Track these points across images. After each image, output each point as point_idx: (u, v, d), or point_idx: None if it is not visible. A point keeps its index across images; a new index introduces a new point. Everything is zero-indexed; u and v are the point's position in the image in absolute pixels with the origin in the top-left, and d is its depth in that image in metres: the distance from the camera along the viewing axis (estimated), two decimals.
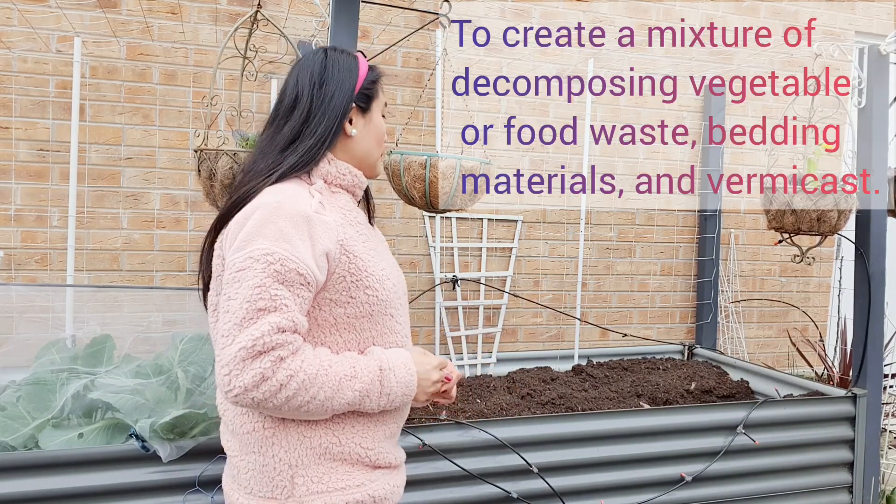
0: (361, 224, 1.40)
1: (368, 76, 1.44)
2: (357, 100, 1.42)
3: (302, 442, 1.27)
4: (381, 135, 1.48)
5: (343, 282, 1.28)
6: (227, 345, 1.16)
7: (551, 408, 2.76)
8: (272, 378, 1.15)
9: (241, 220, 1.25)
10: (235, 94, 2.45)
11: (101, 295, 2.75)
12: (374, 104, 1.45)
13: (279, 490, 1.27)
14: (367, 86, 1.43)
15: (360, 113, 1.43)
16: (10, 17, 2.97)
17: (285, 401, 1.17)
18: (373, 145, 1.46)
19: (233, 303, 1.18)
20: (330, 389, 1.21)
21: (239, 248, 1.22)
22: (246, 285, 1.17)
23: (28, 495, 1.72)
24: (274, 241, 1.20)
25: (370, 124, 1.45)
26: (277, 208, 1.23)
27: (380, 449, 1.34)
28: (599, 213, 3.85)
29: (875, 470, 2.68)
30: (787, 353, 4.22)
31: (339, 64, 1.43)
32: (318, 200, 1.29)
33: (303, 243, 1.22)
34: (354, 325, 1.32)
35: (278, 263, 1.18)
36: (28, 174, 3.02)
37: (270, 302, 1.17)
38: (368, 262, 1.32)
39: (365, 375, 1.26)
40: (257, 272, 1.18)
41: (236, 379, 1.14)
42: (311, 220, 1.24)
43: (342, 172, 1.40)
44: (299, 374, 1.18)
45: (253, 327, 1.15)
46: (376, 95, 1.46)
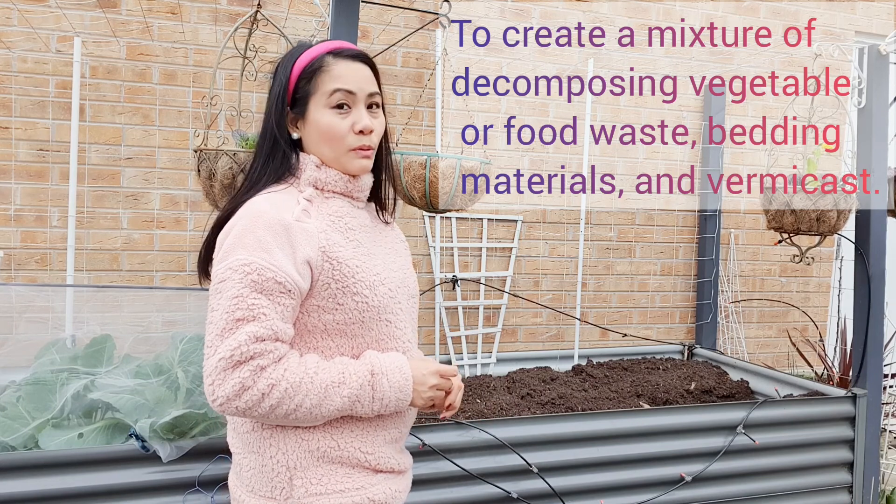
0: (355, 229, 1.35)
1: (305, 70, 1.32)
2: (292, 106, 1.33)
3: (300, 445, 1.27)
4: (328, 133, 1.32)
5: (328, 289, 1.27)
6: (209, 356, 1.18)
7: (551, 408, 2.76)
8: (253, 387, 1.16)
9: (227, 231, 1.26)
10: (235, 94, 2.45)
11: (101, 295, 2.75)
12: (310, 103, 1.32)
13: (278, 490, 1.27)
14: (300, 84, 1.32)
15: (298, 116, 1.34)
16: (10, 17, 2.96)
17: (270, 409, 1.18)
18: (319, 145, 1.34)
19: (214, 314, 1.20)
20: (316, 397, 1.21)
21: (221, 260, 1.23)
22: (225, 296, 1.19)
23: (28, 495, 1.72)
24: (252, 251, 1.20)
25: (309, 126, 1.33)
26: (257, 218, 1.23)
27: (380, 454, 1.33)
28: (599, 213, 3.85)
29: (875, 470, 2.68)
30: (787, 353, 4.22)
31: (279, 69, 1.35)
32: (302, 208, 1.28)
33: (282, 251, 1.21)
34: (345, 331, 1.30)
35: (255, 273, 1.19)
36: (28, 174, 3.02)
37: (248, 311, 1.17)
38: (357, 268, 1.29)
39: (354, 381, 1.24)
40: (235, 283, 1.18)
41: (219, 389, 1.16)
42: (290, 228, 1.24)
43: (332, 179, 1.35)
44: (281, 382, 1.18)
45: (231, 338, 1.16)
46: (313, 90, 1.32)
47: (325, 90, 1.31)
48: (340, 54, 1.33)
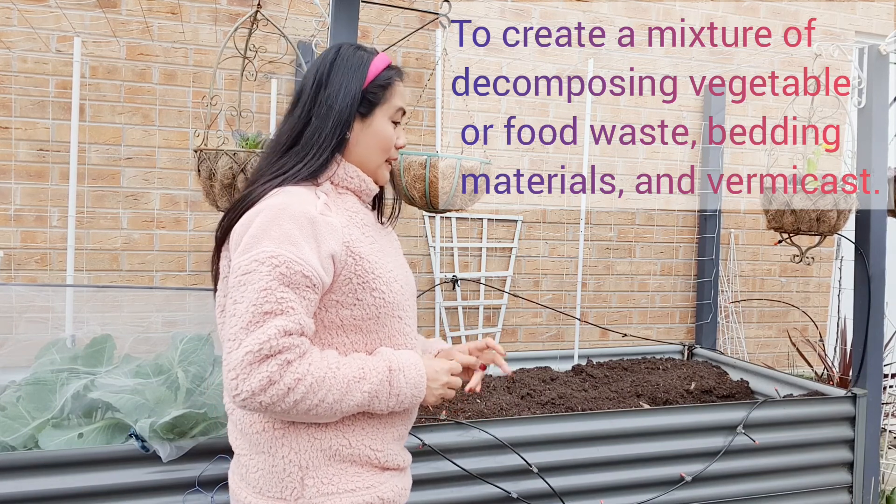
0: (368, 226, 1.37)
1: (379, 78, 1.37)
2: (360, 104, 1.35)
3: (312, 444, 1.27)
4: (384, 142, 1.39)
5: (349, 283, 1.28)
6: (233, 349, 1.16)
7: (551, 408, 2.76)
8: (280, 382, 1.15)
9: (247, 223, 1.25)
10: (235, 94, 2.45)
11: (101, 295, 2.75)
12: (378, 110, 1.37)
13: (289, 491, 1.26)
14: (372, 89, 1.36)
15: (359, 118, 1.36)
16: (10, 17, 2.97)
17: (293, 404, 1.17)
18: (371, 152, 1.39)
19: (239, 306, 1.17)
20: (338, 392, 1.21)
21: (244, 251, 1.21)
22: (252, 288, 1.17)
23: (28, 495, 1.72)
24: (279, 244, 1.19)
25: (369, 129, 1.37)
26: (282, 210, 1.22)
27: (388, 451, 1.34)
28: (599, 213, 3.85)
29: (875, 470, 2.68)
30: (786, 353, 4.22)
31: (346, 64, 1.36)
32: (323, 202, 1.28)
33: (308, 245, 1.21)
34: (361, 326, 1.31)
35: (284, 266, 1.18)
36: (28, 174, 3.02)
37: (277, 305, 1.16)
38: (376, 263, 1.31)
39: (374, 377, 1.25)
40: (263, 275, 1.17)
41: (244, 383, 1.14)
42: (315, 221, 1.23)
43: (350, 176, 1.37)
44: (307, 377, 1.17)
45: (259, 331, 1.15)
46: (384, 100, 1.38)
47: (394, 104, 1.40)
48: (401, 74, 1.43)
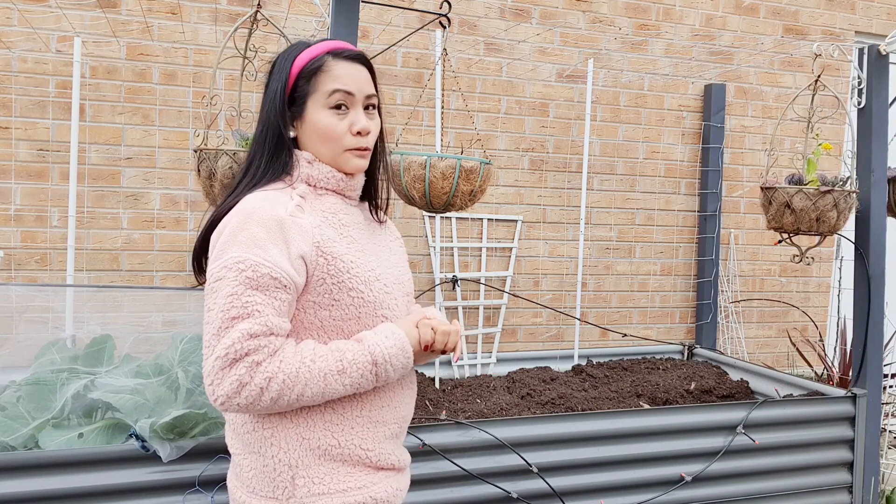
0: (348, 225, 1.35)
1: (305, 69, 1.32)
2: (290, 104, 1.33)
3: (301, 443, 1.27)
4: (325, 133, 1.32)
5: (323, 284, 1.27)
6: (207, 356, 1.19)
7: (551, 408, 2.76)
8: (251, 383, 1.17)
9: (220, 230, 1.27)
10: (235, 94, 2.45)
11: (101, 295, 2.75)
12: (309, 102, 1.32)
13: (280, 490, 1.27)
14: (299, 83, 1.32)
15: (296, 115, 1.34)
16: (10, 17, 2.96)
17: (272, 402, 1.19)
18: (318, 146, 1.34)
19: (210, 313, 1.20)
20: (317, 386, 1.22)
21: (215, 259, 1.23)
22: (220, 295, 1.19)
23: (28, 495, 1.72)
24: (246, 248, 1.20)
25: (307, 125, 1.33)
26: (251, 214, 1.23)
27: (381, 450, 1.33)
28: (599, 213, 3.85)
29: (875, 470, 2.68)
30: (786, 353, 4.22)
31: (277, 65, 1.35)
32: (295, 203, 1.28)
33: (276, 247, 1.22)
34: (342, 327, 1.30)
35: (250, 270, 1.19)
36: (28, 174, 3.02)
37: (242, 309, 1.18)
38: (352, 263, 1.30)
39: (355, 371, 1.25)
40: (230, 280, 1.19)
41: (218, 388, 1.17)
42: (283, 223, 1.24)
43: (325, 175, 1.35)
44: (278, 374, 1.18)
45: (227, 336, 1.17)
46: (312, 90, 1.31)
47: (324, 90, 1.31)
48: (340, 55, 1.33)
